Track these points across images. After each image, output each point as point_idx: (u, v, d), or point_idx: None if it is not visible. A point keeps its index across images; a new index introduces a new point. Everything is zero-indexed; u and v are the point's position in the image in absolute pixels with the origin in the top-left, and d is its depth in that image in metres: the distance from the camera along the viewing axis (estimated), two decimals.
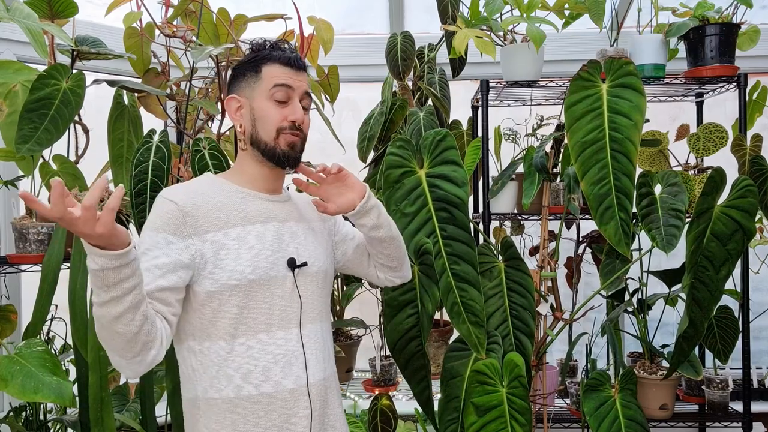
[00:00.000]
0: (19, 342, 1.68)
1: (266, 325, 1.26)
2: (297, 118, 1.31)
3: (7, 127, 1.82)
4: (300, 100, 1.34)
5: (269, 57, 1.33)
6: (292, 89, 1.32)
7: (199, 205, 1.25)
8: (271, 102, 1.31)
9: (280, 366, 1.26)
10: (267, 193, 1.35)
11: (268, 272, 1.26)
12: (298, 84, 1.33)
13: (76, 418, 1.79)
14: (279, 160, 1.31)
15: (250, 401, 1.24)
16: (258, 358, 1.25)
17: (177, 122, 2.22)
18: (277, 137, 1.31)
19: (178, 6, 2.13)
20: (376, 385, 2.29)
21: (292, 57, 1.33)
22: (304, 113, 1.34)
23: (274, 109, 1.31)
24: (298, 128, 1.32)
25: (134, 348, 1.09)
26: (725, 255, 1.89)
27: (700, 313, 1.92)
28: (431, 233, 1.81)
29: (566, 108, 1.90)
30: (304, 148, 1.37)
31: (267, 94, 1.31)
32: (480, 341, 1.79)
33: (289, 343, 1.28)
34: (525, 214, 2.26)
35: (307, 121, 1.35)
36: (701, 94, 2.52)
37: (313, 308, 1.33)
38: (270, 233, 1.30)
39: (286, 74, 1.32)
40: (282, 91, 1.31)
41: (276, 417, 1.25)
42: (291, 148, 1.32)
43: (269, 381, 1.25)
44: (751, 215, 1.89)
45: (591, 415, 1.89)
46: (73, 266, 1.74)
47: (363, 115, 2.44)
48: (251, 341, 1.25)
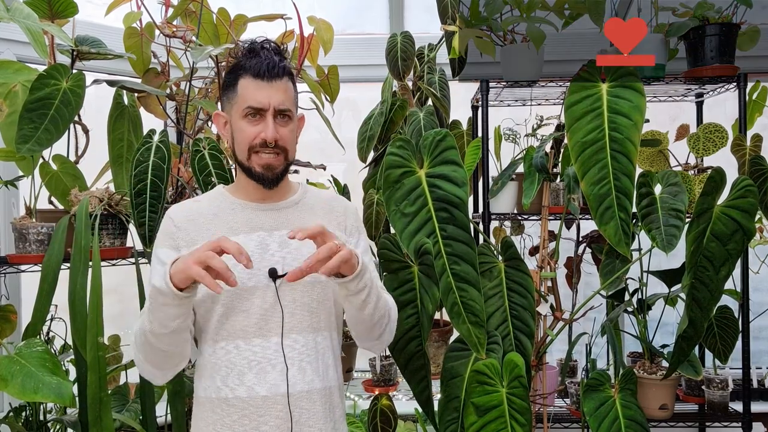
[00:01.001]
0: (19, 342, 1.68)
1: (243, 332, 1.29)
2: (267, 136, 1.27)
3: (7, 127, 1.82)
4: (277, 112, 1.28)
5: (244, 69, 1.29)
6: (263, 109, 1.27)
7: (193, 219, 1.33)
8: (244, 120, 1.29)
9: (254, 372, 1.28)
10: (259, 202, 1.35)
11: (246, 282, 1.27)
12: (270, 98, 1.27)
13: (76, 418, 1.79)
14: (256, 179, 1.31)
15: (227, 403, 1.29)
16: (234, 363, 1.29)
17: (177, 122, 2.23)
18: (249, 157, 1.29)
19: (178, 6, 2.13)
20: (376, 385, 2.29)
21: (263, 68, 1.27)
22: (280, 125, 1.29)
23: (246, 127, 1.29)
24: (274, 146, 1.28)
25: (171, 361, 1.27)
26: (725, 255, 1.89)
27: (700, 313, 1.92)
28: (431, 233, 1.81)
29: (566, 108, 1.90)
30: (289, 162, 1.33)
31: (241, 112, 1.29)
32: (480, 341, 1.79)
33: (266, 351, 1.29)
34: (525, 214, 2.26)
35: (285, 134, 1.30)
36: (701, 94, 2.52)
37: (301, 319, 1.31)
38: (253, 243, 1.30)
39: (258, 89, 1.27)
40: (252, 110, 1.28)
41: (247, 422, 1.28)
42: (266, 169, 1.29)
43: (243, 386, 1.28)
44: (751, 215, 1.88)
45: (591, 415, 1.89)
46: (73, 266, 1.74)
47: (363, 115, 2.44)
48: (229, 346, 1.30)
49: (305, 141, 2.76)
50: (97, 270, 1.73)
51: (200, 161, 1.94)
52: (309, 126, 2.84)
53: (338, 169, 2.71)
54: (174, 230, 1.31)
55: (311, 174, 2.41)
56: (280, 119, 1.30)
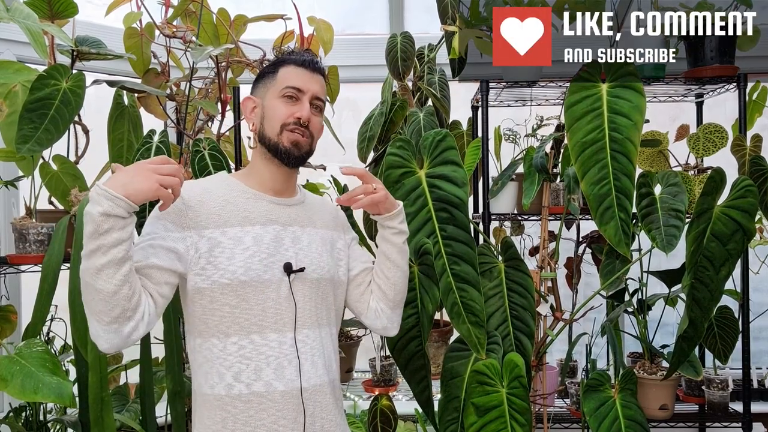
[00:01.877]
0: (19, 342, 1.68)
1: (259, 327, 1.27)
2: (303, 115, 1.32)
3: (7, 127, 1.82)
4: (312, 101, 1.35)
5: (287, 60, 1.37)
6: (302, 91, 1.33)
7: (204, 201, 1.28)
8: (280, 100, 1.33)
9: (272, 368, 1.27)
10: (274, 195, 1.36)
11: (261, 275, 1.26)
12: (310, 85, 1.34)
13: (76, 418, 1.79)
14: (282, 156, 1.32)
15: (241, 400, 1.25)
16: (250, 358, 1.26)
17: (177, 122, 2.23)
18: (280, 133, 1.32)
19: (178, 6, 2.13)
20: (376, 385, 2.29)
21: (307, 59, 1.36)
22: (313, 113, 1.35)
23: (282, 106, 1.33)
24: (305, 126, 1.33)
25: (112, 312, 1.10)
26: (725, 255, 1.89)
27: (701, 313, 1.92)
28: (431, 233, 1.81)
29: (566, 108, 1.90)
30: (312, 149, 1.37)
31: (278, 93, 1.33)
32: (480, 341, 1.79)
33: (282, 347, 1.28)
34: (525, 214, 2.26)
35: (315, 122, 1.36)
36: (701, 94, 2.52)
37: (310, 314, 1.32)
38: (269, 236, 1.30)
39: (300, 75, 1.34)
40: (292, 91, 1.33)
41: (266, 417, 1.26)
42: (294, 146, 1.32)
43: (260, 381, 1.26)
44: (751, 215, 1.89)
45: (591, 415, 1.89)
46: (73, 266, 1.74)
47: (363, 115, 2.44)
48: (243, 341, 1.26)
49: None
50: None
51: (200, 161, 1.94)
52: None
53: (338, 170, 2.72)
54: (183, 208, 1.25)
55: (311, 174, 2.41)
56: (314, 109, 1.35)
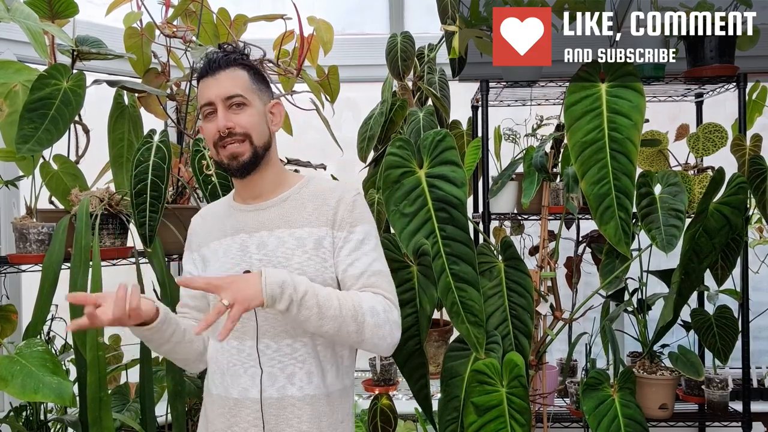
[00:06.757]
0: (19, 342, 1.68)
1: None
2: (219, 126, 1.27)
3: (8, 127, 1.82)
4: (225, 101, 1.27)
5: (198, 76, 1.33)
6: (212, 103, 1.28)
7: (205, 220, 1.41)
8: (205, 121, 1.32)
9: (229, 375, 1.31)
10: (246, 202, 1.37)
11: None
12: (216, 90, 1.27)
13: (76, 418, 1.79)
14: (229, 171, 1.33)
15: (209, 399, 1.36)
16: (219, 362, 1.34)
17: (177, 122, 2.23)
18: (217, 152, 1.31)
19: (178, 6, 2.13)
20: (376, 384, 2.29)
21: (205, 67, 1.29)
22: (234, 112, 1.27)
23: (207, 126, 1.31)
24: (233, 134, 1.27)
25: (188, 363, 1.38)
26: (711, 248, 1.97)
27: (680, 300, 2.02)
28: (430, 233, 1.81)
29: (566, 108, 1.90)
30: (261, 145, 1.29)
31: (202, 114, 1.32)
32: (479, 341, 1.79)
33: (240, 354, 1.30)
34: (525, 214, 2.26)
35: (242, 120, 1.27)
36: (701, 94, 2.52)
37: (275, 324, 1.27)
38: (236, 246, 1.33)
39: (206, 87, 1.29)
40: (207, 108, 1.30)
41: (221, 421, 1.31)
42: (232, 158, 1.28)
43: (221, 385, 1.32)
44: (740, 211, 1.96)
45: (590, 414, 1.89)
46: (73, 266, 1.74)
47: (363, 115, 2.44)
48: (217, 345, 1.34)
49: (305, 141, 2.79)
50: (97, 270, 1.73)
51: (200, 161, 1.94)
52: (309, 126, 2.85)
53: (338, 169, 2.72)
54: (191, 232, 1.44)
55: (311, 174, 2.41)
56: (235, 107, 1.28)
